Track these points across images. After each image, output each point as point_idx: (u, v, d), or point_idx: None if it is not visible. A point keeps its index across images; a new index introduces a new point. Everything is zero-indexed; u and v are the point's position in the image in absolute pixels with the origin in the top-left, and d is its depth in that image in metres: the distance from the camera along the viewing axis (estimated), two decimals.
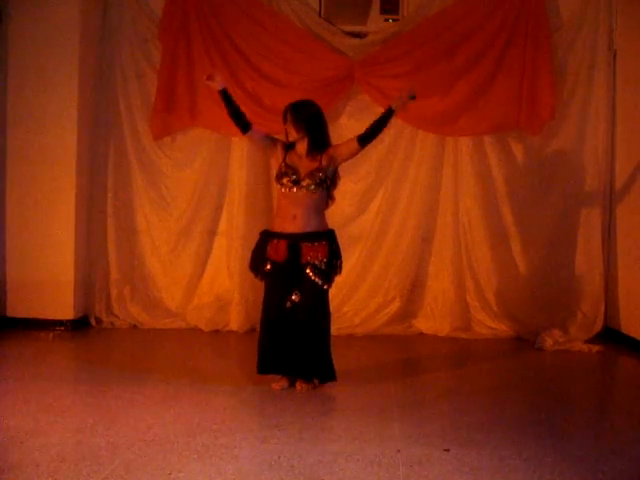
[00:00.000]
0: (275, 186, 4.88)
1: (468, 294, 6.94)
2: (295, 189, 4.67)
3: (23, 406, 4.26)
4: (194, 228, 6.95)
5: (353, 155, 4.82)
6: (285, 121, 4.77)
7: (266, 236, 4.79)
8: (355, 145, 4.74)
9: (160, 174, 6.99)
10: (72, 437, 3.73)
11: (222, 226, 6.98)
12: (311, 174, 4.67)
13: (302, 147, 4.77)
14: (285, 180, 4.69)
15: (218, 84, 4.69)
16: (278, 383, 4.77)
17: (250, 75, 6.70)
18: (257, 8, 6.78)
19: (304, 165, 4.72)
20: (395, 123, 6.85)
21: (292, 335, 4.68)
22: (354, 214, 6.91)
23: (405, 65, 6.70)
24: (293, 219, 4.67)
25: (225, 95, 4.72)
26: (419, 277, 6.98)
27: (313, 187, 4.66)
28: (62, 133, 6.50)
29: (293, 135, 4.75)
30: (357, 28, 6.97)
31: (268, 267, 4.71)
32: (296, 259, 4.65)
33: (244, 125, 4.77)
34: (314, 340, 4.70)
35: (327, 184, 4.74)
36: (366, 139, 4.74)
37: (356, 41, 6.89)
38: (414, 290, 6.96)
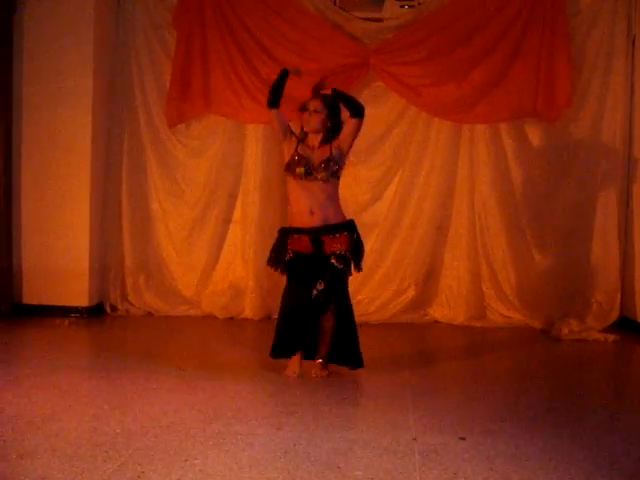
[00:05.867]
0: (285, 175, 4.82)
1: (483, 282, 6.92)
2: (308, 180, 4.64)
3: (39, 392, 4.28)
4: (209, 216, 6.95)
5: (356, 132, 4.71)
6: (313, 109, 4.70)
7: (286, 233, 4.77)
8: (353, 121, 4.67)
9: (175, 161, 6.99)
10: (88, 423, 3.74)
11: (237, 214, 6.98)
12: (324, 165, 4.64)
13: (315, 138, 4.73)
14: (297, 170, 4.65)
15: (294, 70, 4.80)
16: (292, 370, 4.76)
17: (265, 62, 6.67)
18: None
19: (316, 156, 4.69)
20: (410, 110, 6.86)
21: (314, 322, 4.69)
22: (369, 202, 6.89)
23: (421, 52, 6.67)
24: (311, 215, 4.64)
25: (284, 76, 4.75)
26: (434, 265, 6.96)
27: (326, 177, 4.63)
28: (77, 120, 6.51)
29: (315, 125, 4.70)
30: (372, 15, 6.94)
31: (290, 255, 4.68)
32: (319, 252, 4.64)
33: (276, 101, 4.71)
34: (345, 328, 4.72)
35: (339, 174, 4.72)
36: (354, 112, 4.65)
37: (372, 27, 6.85)
38: (429, 278, 6.95)
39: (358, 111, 4.65)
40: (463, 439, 3.62)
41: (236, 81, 6.68)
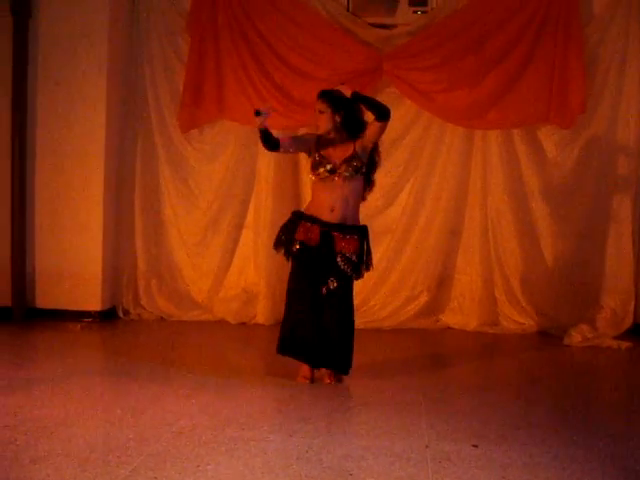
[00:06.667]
0: (310, 179, 4.82)
1: (496, 288, 6.89)
2: (332, 178, 4.64)
3: (52, 397, 4.29)
4: (221, 221, 6.97)
5: (379, 134, 4.70)
6: (318, 111, 4.71)
7: (298, 217, 4.76)
8: (377, 124, 4.65)
9: (188, 166, 7.01)
10: (101, 428, 3.76)
11: (249, 219, 6.99)
12: (347, 162, 4.64)
13: (335, 136, 4.73)
14: (321, 170, 4.65)
15: (262, 122, 4.59)
16: (303, 376, 4.75)
17: (278, 67, 6.69)
18: (285, 1, 6.75)
19: (338, 154, 4.68)
20: (424, 116, 6.85)
21: (324, 322, 4.65)
22: (381, 207, 6.87)
23: (434, 58, 6.65)
24: (331, 211, 4.64)
25: (266, 141, 4.65)
26: (446, 271, 6.95)
27: (349, 175, 4.63)
28: (91, 125, 6.54)
29: (325, 126, 4.70)
30: (385, 20, 6.92)
31: (297, 247, 4.67)
32: (326, 246, 4.63)
33: (273, 146, 4.69)
34: (342, 332, 4.68)
35: (362, 171, 4.71)
36: (378, 115, 4.62)
37: (384, 33, 6.84)
38: (441, 284, 6.93)
39: (382, 114, 4.61)
40: (476, 446, 3.60)
41: (249, 86, 6.69)
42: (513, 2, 6.65)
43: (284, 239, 4.75)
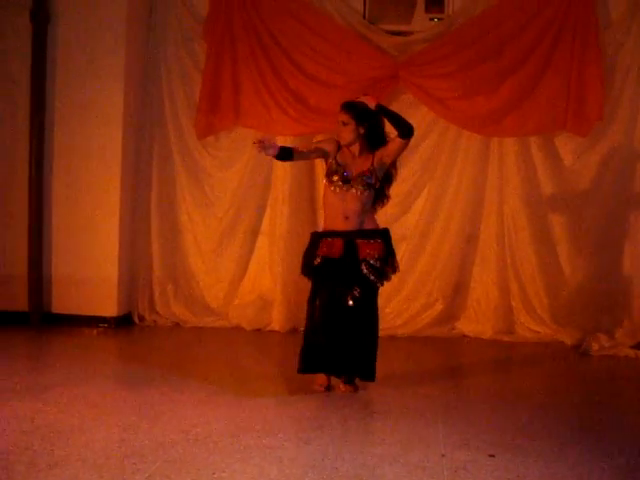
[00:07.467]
0: (323, 183, 4.80)
1: (512, 297, 6.86)
2: (345, 188, 4.62)
3: (68, 402, 4.30)
4: (237, 227, 6.98)
5: (400, 151, 4.70)
6: (341, 122, 4.66)
7: (318, 237, 4.72)
8: (399, 141, 4.63)
9: (204, 173, 7.03)
10: (117, 434, 3.76)
11: (265, 226, 7.01)
12: (361, 177, 4.62)
13: (356, 147, 4.71)
14: (335, 178, 4.63)
15: (272, 151, 4.47)
16: (319, 384, 4.73)
17: (294, 74, 6.70)
18: (301, 8, 6.77)
19: (357, 165, 4.67)
20: (439, 123, 6.84)
21: (349, 334, 4.59)
22: (397, 214, 6.84)
23: (450, 65, 6.64)
24: (345, 219, 4.62)
25: (280, 156, 4.56)
26: (462, 279, 6.92)
27: (362, 188, 4.62)
28: (108, 132, 6.58)
29: (348, 137, 4.66)
30: (402, 27, 6.92)
31: (318, 261, 4.62)
32: (350, 256, 4.59)
33: (287, 156, 4.63)
34: (367, 339, 4.65)
35: (375, 187, 4.69)
36: (402, 132, 4.60)
37: (400, 39, 6.84)
38: (457, 292, 6.90)
39: (406, 132, 4.58)
40: (492, 456, 3.58)
41: (265, 94, 6.70)
42: (530, 9, 6.63)
43: (307, 263, 4.71)
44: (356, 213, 4.63)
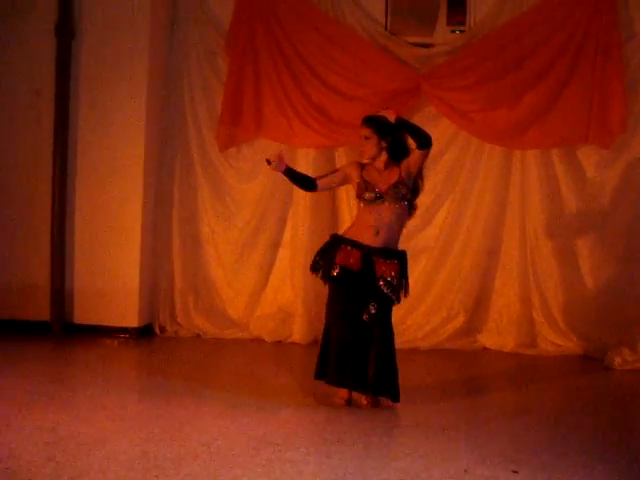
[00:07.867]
0: (357, 205, 4.84)
1: (534, 309, 6.81)
2: (378, 202, 4.63)
3: (90, 414, 4.32)
4: (258, 239, 6.99)
5: (422, 161, 4.70)
6: (363, 137, 4.69)
7: (338, 241, 4.74)
8: (418, 152, 4.65)
9: (225, 185, 7.05)
10: (139, 446, 3.76)
11: (286, 238, 7.00)
12: (393, 188, 4.63)
13: (380, 161, 4.72)
14: (367, 195, 4.64)
15: (280, 167, 4.68)
16: (340, 397, 4.72)
17: (316, 87, 6.71)
18: (323, 20, 6.79)
19: (384, 178, 4.68)
20: (461, 135, 6.82)
21: (366, 349, 4.59)
22: (419, 227, 6.80)
23: (472, 77, 6.62)
24: (376, 234, 4.61)
25: (288, 173, 4.75)
26: (484, 291, 6.88)
27: (397, 199, 4.62)
28: (130, 144, 6.61)
29: (371, 152, 4.69)
30: (423, 40, 6.91)
31: (337, 272, 4.63)
32: (367, 271, 4.60)
33: (309, 186, 4.84)
34: (386, 355, 4.63)
35: (408, 197, 4.69)
36: (420, 143, 4.62)
37: (422, 51, 6.84)
38: (479, 304, 6.86)
39: (424, 142, 4.60)
40: (516, 472, 3.54)
41: (287, 106, 6.71)
42: (552, 21, 6.60)
43: (321, 263, 4.74)
44: (389, 227, 4.63)
